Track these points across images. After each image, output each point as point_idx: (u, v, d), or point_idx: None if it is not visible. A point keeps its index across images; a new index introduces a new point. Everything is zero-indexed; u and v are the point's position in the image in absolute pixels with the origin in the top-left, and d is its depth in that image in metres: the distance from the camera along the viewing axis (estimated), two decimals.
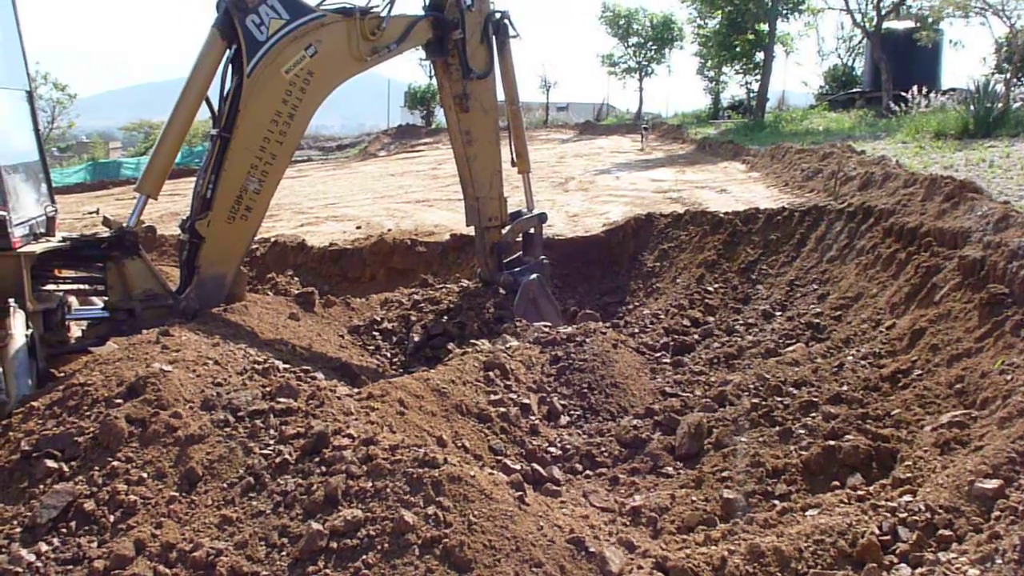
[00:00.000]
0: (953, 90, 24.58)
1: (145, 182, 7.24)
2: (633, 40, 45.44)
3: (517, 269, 9.36)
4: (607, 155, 24.43)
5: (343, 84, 7.97)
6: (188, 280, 7.41)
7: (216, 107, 7.43)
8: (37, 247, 6.71)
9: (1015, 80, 23.62)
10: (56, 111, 39.57)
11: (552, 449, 6.01)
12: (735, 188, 14.56)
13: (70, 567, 3.93)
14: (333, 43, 7.61)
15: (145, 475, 4.41)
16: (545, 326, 7.97)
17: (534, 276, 9.14)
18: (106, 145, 50.03)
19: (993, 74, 25.30)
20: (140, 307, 7.04)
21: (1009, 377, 5.06)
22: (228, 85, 7.37)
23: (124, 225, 7.09)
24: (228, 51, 7.25)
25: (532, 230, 9.74)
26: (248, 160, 7.30)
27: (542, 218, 9.85)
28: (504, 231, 9.38)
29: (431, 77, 40.02)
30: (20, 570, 3.85)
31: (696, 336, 8.71)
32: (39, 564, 3.92)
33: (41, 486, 4.35)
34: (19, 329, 6.08)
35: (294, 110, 7.45)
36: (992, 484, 4.00)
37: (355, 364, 7.68)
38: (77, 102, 41.20)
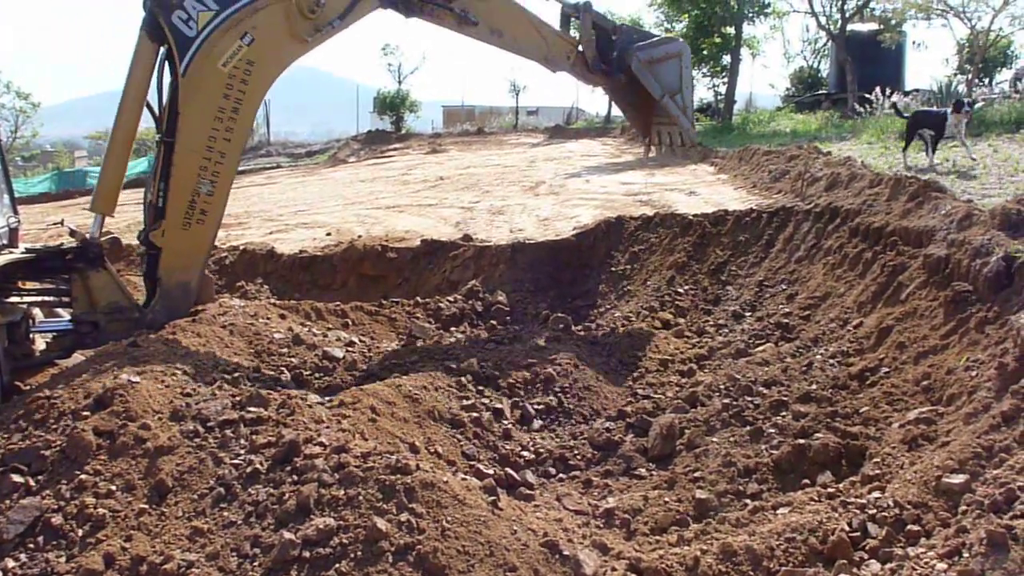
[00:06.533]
0: (917, 91, 24.94)
1: (97, 201, 7.02)
2: None
3: (614, 56, 8.70)
4: (577, 159, 24.47)
5: (290, 71, 7.46)
6: (153, 292, 7.20)
7: (158, 111, 7.07)
8: None
9: (976, 80, 24.07)
10: (19, 120, 38.91)
11: (525, 453, 6.01)
12: (704, 190, 14.65)
13: None
14: (270, 27, 7.07)
15: (114, 488, 4.36)
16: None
17: (633, 47, 8.51)
18: (71, 154, 49.21)
19: (955, 75, 25.78)
20: (105, 320, 6.90)
21: (974, 373, 5.14)
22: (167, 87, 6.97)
23: (87, 237, 6.96)
24: (161, 51, 6.88)
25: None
26: (196, 162, 6.95)
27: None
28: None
29: (400, 82, 40.16)
30: None
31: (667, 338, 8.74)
32: None
33: (7, 501, 4.29)
34: None
35: (238, 104, 7.02)
36: (959, 479, 4.07)
37: None
38: (41, 111, 40.52)
